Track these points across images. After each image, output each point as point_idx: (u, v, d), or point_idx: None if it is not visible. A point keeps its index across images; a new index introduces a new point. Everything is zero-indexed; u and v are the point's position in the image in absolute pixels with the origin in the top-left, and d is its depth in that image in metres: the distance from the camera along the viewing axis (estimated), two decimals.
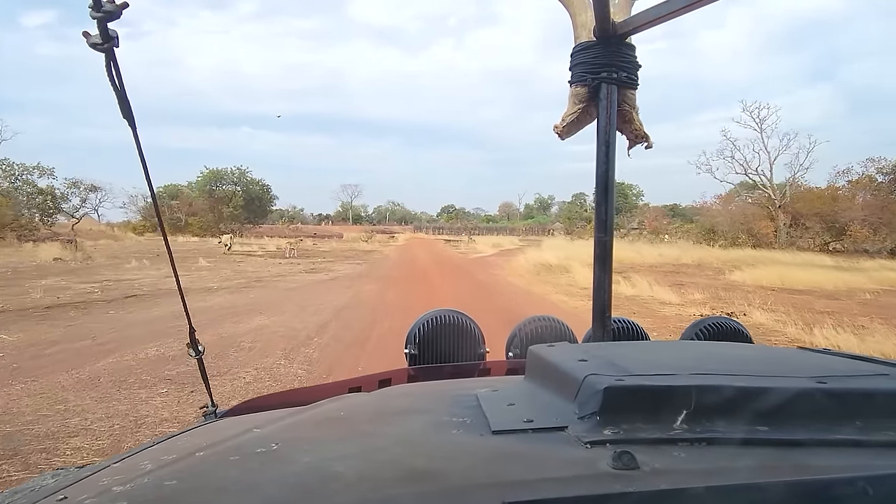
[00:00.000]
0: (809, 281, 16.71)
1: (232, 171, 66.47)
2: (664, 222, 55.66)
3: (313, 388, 1.26)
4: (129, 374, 6.03)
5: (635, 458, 0.42)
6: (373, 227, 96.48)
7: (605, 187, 1.22)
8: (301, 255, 31.85)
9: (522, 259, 26.74)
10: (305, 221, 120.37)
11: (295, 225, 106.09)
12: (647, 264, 25.10)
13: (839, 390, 0.53)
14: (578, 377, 0.57)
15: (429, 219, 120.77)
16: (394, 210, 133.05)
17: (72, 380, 5.78)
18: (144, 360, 6.63)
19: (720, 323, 1.53)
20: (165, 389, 5.46)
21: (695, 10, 1.04)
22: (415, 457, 0.47)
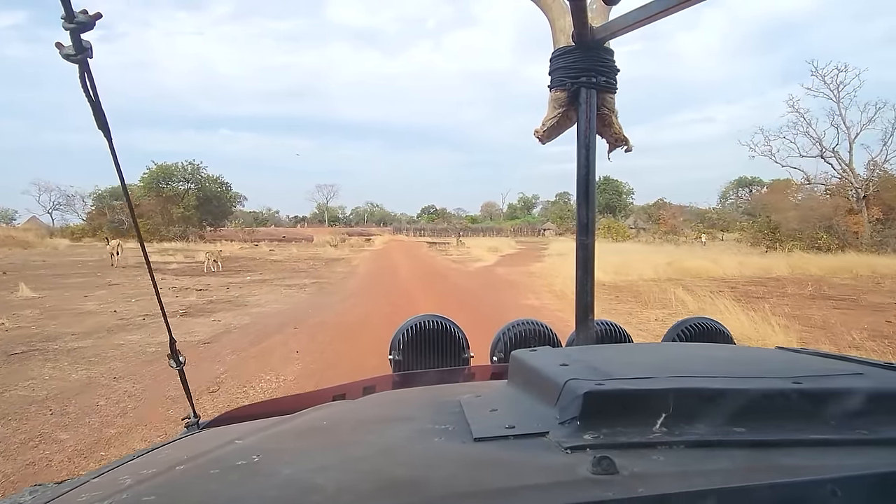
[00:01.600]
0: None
1: (183, 167, 56.45)
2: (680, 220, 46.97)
3: (297, 396, 1.23)
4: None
5: (614, 463, 0.42)
6: (348, 230, 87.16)
7: (586, 190, 1.23)
8: (235, 267, 22.34)
9: (550, 272, 18.75)
10: (279, 224, 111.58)
11: (268, 227, 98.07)
12: (747, 280, 16.58)
13: (814, 390, 0.53)
14: (559, 382, 0.56)
15: (409, 220, 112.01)
16: (372, 211, 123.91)
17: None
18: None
19: (702, 323, 1.53)
20: None
21: (672, 15, 1.05)
22: (396, 466, 0.47)
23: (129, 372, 6.27)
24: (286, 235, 68.97)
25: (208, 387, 5.62)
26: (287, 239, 60.70)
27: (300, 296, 13.43)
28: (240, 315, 10.37)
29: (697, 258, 20.59)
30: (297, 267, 23.02)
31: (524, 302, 12.08)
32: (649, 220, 51.12)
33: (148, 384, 5.77)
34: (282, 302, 12.27)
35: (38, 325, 9.23)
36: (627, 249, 30.25)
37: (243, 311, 10.95)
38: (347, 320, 9.61)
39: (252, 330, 8.78)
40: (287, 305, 11.69)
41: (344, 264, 24.79)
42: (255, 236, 66.84)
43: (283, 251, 35.88)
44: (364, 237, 65.57)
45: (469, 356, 1.62)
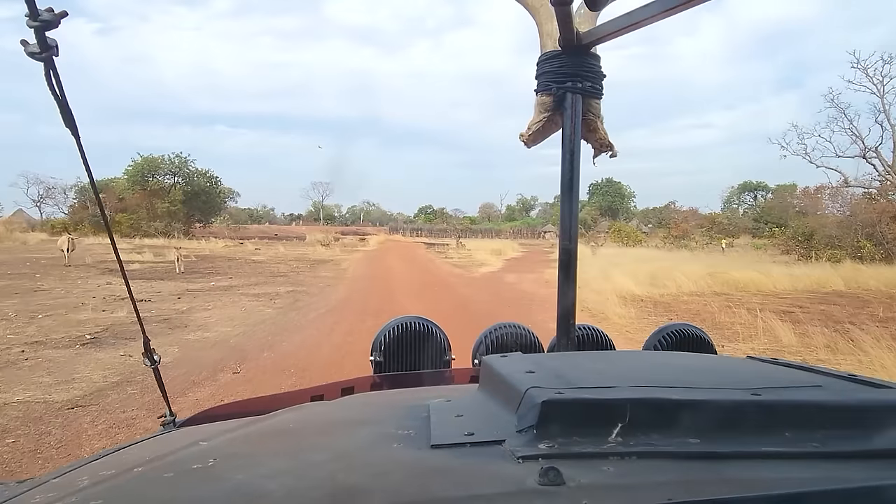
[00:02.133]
0: None
1: (170, 160, 53.26)
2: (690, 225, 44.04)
3: (276, 396, 1.24)
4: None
5: (561, 474, 0.42)
6: (343, 229, 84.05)
7: (570, 196, 1.22)
8: (205, 269, 19.33)
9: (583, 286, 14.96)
10: (274, 221, 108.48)
11: (262, 224, 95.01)
12: (809, 296, 13.88)
13: (770, 402, 0.53)
14: (521, 389, 0.55)
15: (406, 220, 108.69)
16: (368, 210, 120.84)
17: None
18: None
19: (683, 329, 1.52)
20: None
21: (659, 21, 1.05)
22: (348, 473, 0.46)
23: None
24: (278, 233, 65.99)
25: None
26: (279, 237, 57.69)
27: (265, 312, 10.43)
28: (169, 343, 7.37)
29: (739, 268, 17.64)
30: (276, 270, 20.00)
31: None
32: (660, 223, 48.15)
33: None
34: (237, 321, 9.28)
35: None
36: (647, 256, 27.36)
37: (178, 336, 7.96)
38: (316, 356, 6.63)
39: (171, 374, 5.73)
40: (242, 327, 8.71)
41: (331, 268, 21.79)
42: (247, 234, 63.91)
43: (268, 250, 32.87)
44: (359, 237, 62.55)
45: (450, 359, 1.61)
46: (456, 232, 50.38)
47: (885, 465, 0.47)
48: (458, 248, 38.45)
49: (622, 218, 75.94)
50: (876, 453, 0.49)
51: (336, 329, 8.56)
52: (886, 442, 0.50)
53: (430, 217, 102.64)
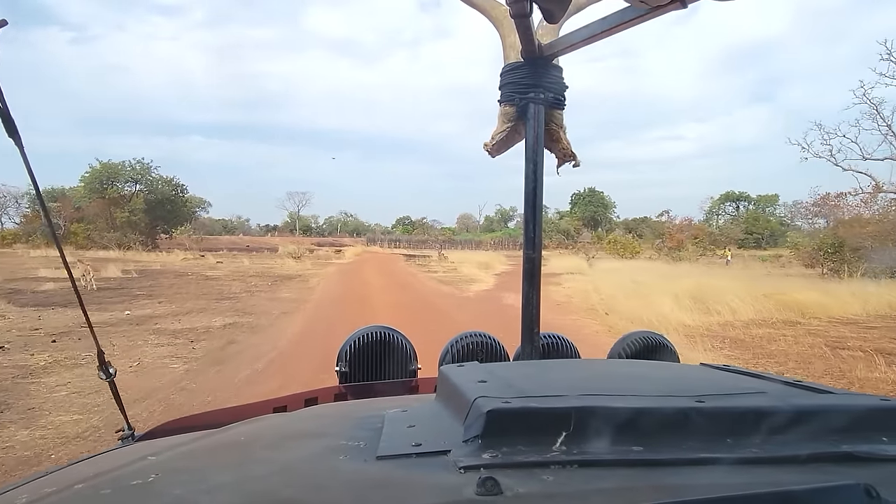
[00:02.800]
0: None
1: (131, 166, 48.87)
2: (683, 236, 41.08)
3: (240, 408, 1.21)
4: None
5: (499, 484, 0.41)
6: (319, 240, 79.99)
7: (534, 205, 1.23)
8: (138, 288, 15.44)
9: (588, 304, 13.92)
10: (248, 232, 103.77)
11: (236, 235, 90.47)
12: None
13: (713, 409, 0.53)
14: (470, 398, 0.55)
15: (384, 230, 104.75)
16: (346, 221, 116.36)
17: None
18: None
19: (647, 337, 1.53)
20: None
21: (618, 34, 1.06)
22: (287, 487, 0.45)
23: None
24: (250, 245, 61.89)
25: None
26: (250, 248, 53.64)
27: (168, 369, 6.68)
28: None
29: (798, 288, 14.29)
30: (228, 289, 16.18)
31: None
32: (640, 234, 45.02)
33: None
34: (103, 397, 5.51)
35: None
36: (656, 270, 24.04)
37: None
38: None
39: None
40: (96, 416, 4.94)
41: (297, 286, 18.03)
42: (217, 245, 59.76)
43: (231, 264, 28.96)
44: (335, 248, 58.60)
45: (416, 368, 1.59)
46: (438, 243, 46.25)
47: (820, 469, 0.47)
48: (440, 260, 34.86)
49: (604, 228, 73.16)
50: (812, 457, 0.49)
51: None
52: (823, 446, 0.51)
53: (409, 228, 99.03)
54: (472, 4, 1.37)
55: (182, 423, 1.16)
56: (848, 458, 0.49)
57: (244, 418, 0.75)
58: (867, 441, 0.52)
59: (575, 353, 1.61)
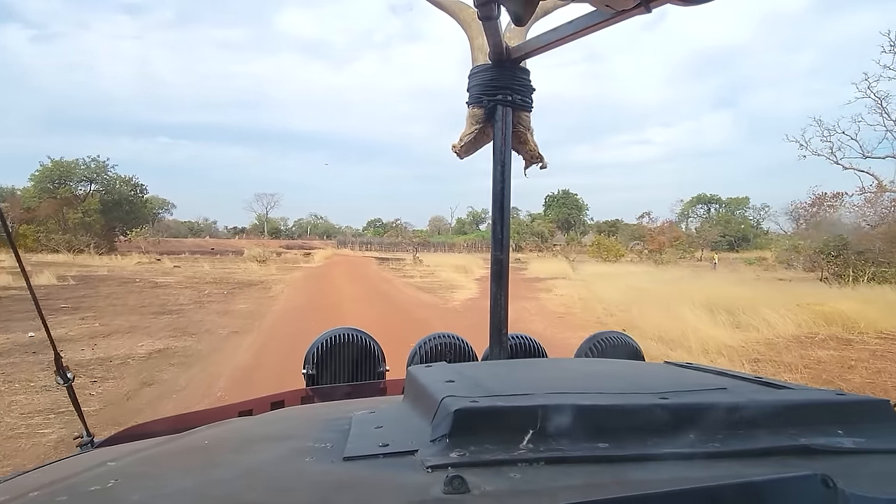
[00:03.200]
0: None
1: (85, 165, 45.58)
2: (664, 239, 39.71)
3: (204, 412, 1.21)
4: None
5: (466, 482, 0.41)
6: (288, 242, 77.14)
7: (502, 206, 1.22)
8: (64, 299, 12.94)
9: (586, 311, 12.66)
10: (215, 235, 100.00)
11: (202, 238, 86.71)
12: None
13: (676, 405, 0.54)
14: (438, 398, 0.55)
15: (354, 233, 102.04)
16: (316, 224, 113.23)
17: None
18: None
19: (613, 337, 1.55)
20: None
21: (585, 37, 1.06)
22: (251, 490, 0.45)
23: None
24: (216, 248, 58.95)
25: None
26: (214, 252, 50.73)
27: (31, 439, 4.39)
28: None
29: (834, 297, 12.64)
30: (174, 301, 13.77)
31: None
32: (632, 237, 43.52)
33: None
34: None
35: None
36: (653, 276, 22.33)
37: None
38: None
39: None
40: None
41: (256, 295, 15.71)
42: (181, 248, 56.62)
43: (189, 269, 26.35)
44: (304, 251, 55.92)
45: (384, 370, 1.59)
46: (413, 246, 43.89)
47: (780, 461, 0.48)
48: (415, 264, 32.73)
49: (578, 231, 71.94)
50: (772, 450, 0.50)
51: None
52: (782, 439, 0.52)
53: (380, 230, 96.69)
54: (440, 6, 1.37)
55: (144, 428, 1.14)
56: (806, 451, 0.50)
57: (209, 423, 0.74)
58: (824, 434, 0.53)
59: (542, 354, 1.62)
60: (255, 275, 23.47)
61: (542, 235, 67.62)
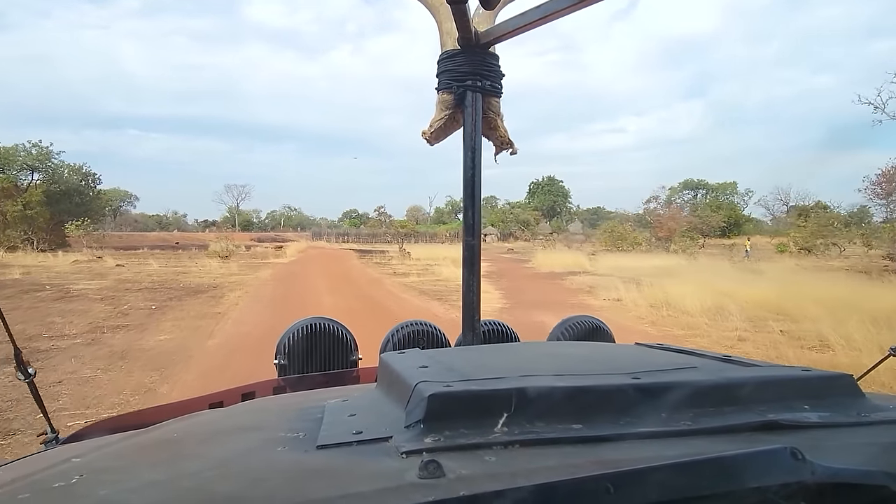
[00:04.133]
0: None
1: (26, 152, 39.69)
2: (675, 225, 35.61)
3: (173, 405, 1.17)
4: None
5: (441, 467, 0.40)
6: (260, 235, 71.56)
7: (472, 192, 1.21)
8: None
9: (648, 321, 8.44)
10: (185, 228, 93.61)
11: (170, 232, 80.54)
12: None
13: (648, 385, 0.54)
14: (412, 384, 0.54)
15: (330, 224, 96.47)
16: (290, 216, 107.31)
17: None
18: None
19: (584, 321, 1.56)
20: None
21: (554, 21, 1.04)
22: (222, 481, 0.43)
23: None
24: (179, 242, 53.40)
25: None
26: (179, 246, 45.40)
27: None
28: None
29: None
30: (61, 326, 8.80)
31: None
32: (639, 223, 39.07)
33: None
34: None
35: None
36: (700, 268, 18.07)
37: None
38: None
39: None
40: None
41: (199, 310, 10.91)
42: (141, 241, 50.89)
43: (134, 268, 21.31)
44: (276, 244, 50.66)
45: (357, 359, 1.56)
46: (399, 237, 38.33)
47: (749, 437, 0.49)
48: (403, 257, 28.07)
49: (564, 219, 67.97)
50: (742, 427, 0.50)
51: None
52: (751, 416, 0.52)
53: (356, 221, 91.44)
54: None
55: (111, 423, 1.10)
56: (774, 426, 0.50)
57: (177, 415, 0.72)
58: (792, 409, 0.54)
59: (515, 339, 1.60)
60: (211, 275, 18.55)
61: (527, 223, 63.45)
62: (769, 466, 0.39)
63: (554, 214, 69.46)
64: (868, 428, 0.52)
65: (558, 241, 32.46)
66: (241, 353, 6.79)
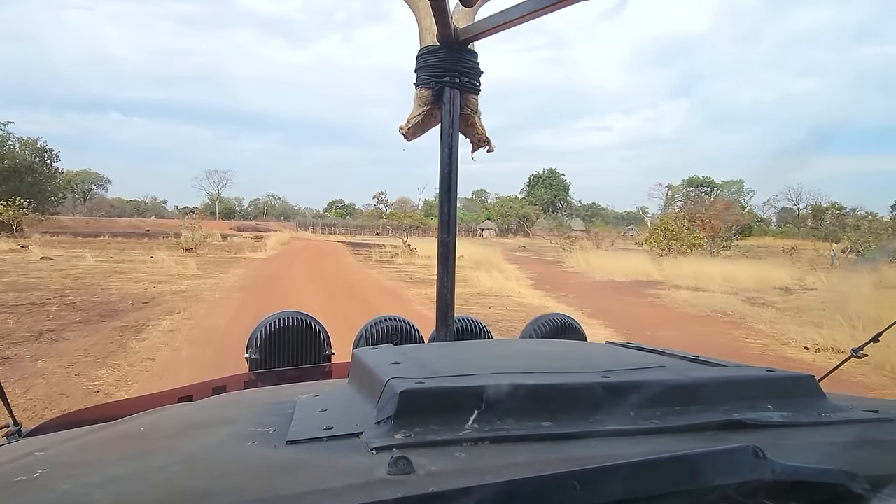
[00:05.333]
0: None
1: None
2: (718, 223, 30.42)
3: (141, 398, 1.15)
4: None
5: (411, 463, 0.40)
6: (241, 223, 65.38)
7: (448, 188, 1.20)
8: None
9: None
10: (163, 215, 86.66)
11: (147, 218, 73.90)
12: None
13: (617, 383, 0.54)
14: (383, 380, 0.53)
15: (315, 214, 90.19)
16: (273, 204, 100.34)
17: None
18: None
19: (556, 319, 1.53)
20: None
21: (535, 20, 1.04)
22: (189, 476, 0.42)
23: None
24: (150, 229, 47.29)
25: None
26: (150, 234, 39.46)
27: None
28: None
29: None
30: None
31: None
32: (678, 218, 33.38)
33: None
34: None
35: None
36: (830, 283, 12.91)
37: None
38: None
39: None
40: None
41: (76, 361, 5.30)
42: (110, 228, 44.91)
43: (64, 262, 15.66)
44: (257, 234, 44.75)
45: (330, 353, 1.53)
46: (404, 229, 31.72)
47: (714, 436, 0.48)
48: (410, 254, 22.53)
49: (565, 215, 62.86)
50: (707, 425, 0.50)
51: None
52: (716, 415, 0.52)
53: (342, 212, 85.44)
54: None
55: (76, 416, 1.08)
56: (738, 425, 0.50)
57: (145, 409, 0.70)
58: (755, 409, 0.54)
59: (488, 336, 1.58)
60: (157, 278, 12.90)
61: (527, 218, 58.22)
62: (731, 465, 0.39)
63: (554, 209, 64.22)
64: (827, 427, 0.53)
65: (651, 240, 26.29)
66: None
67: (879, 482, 0.41)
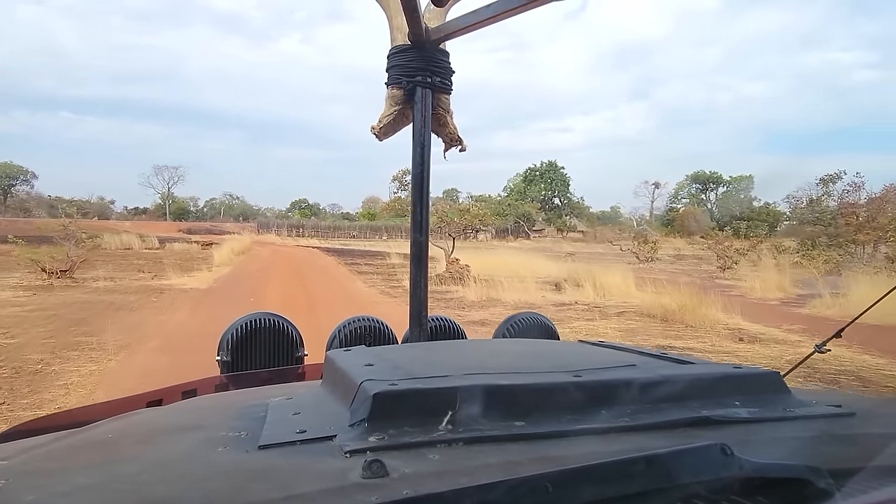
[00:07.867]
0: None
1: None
2: None
3: (108, 403, 1.10)
4: None
5: (385, 466, 0.39)
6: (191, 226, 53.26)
7: (421, 188, 1.16)
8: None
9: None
10: (106, 216, 73.05)
11: (91, 220, 61.32)
12: None
13: (589, 382, 0.53)
14: (357, 382, 0.52)
15: (278, 215, 78.40)
16: (231, 205, 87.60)
17: None
18: None
19: (529, 318, 1.48)
20: None
21: (506, 20, 1.02)
22: (158, 484, 0.40)
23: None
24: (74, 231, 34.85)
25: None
26: (61, 239, 27.60)
27: None
28: None
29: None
30: None
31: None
32: (699, 221, 24.01)
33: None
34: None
35: None
36: None
37: None
38: None
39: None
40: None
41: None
42: (10, 229, 32.92)
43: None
44: (209, 238, 33.48)
45: (303, 355, 1.46)
46: (457, 232, 17.21)
47: (683, 433, 0.48)
48: (461, 276, 12.38)
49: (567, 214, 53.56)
50: (676, 423, 0.49)
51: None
52: (685, 412, 0.51)
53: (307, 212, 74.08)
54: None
55: (42, 423, 1.03)
56: (706, 422, 0.50)
57: (113, 414, 0.67)
58: (723, 405, 0.53)
59: (462, 336, 1.54)
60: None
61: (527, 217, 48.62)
62: (701, 462, 0.38)
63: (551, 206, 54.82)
64: (792, 423, 0.52)
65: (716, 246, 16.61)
66: None
67: (842, 476, 0.40)
